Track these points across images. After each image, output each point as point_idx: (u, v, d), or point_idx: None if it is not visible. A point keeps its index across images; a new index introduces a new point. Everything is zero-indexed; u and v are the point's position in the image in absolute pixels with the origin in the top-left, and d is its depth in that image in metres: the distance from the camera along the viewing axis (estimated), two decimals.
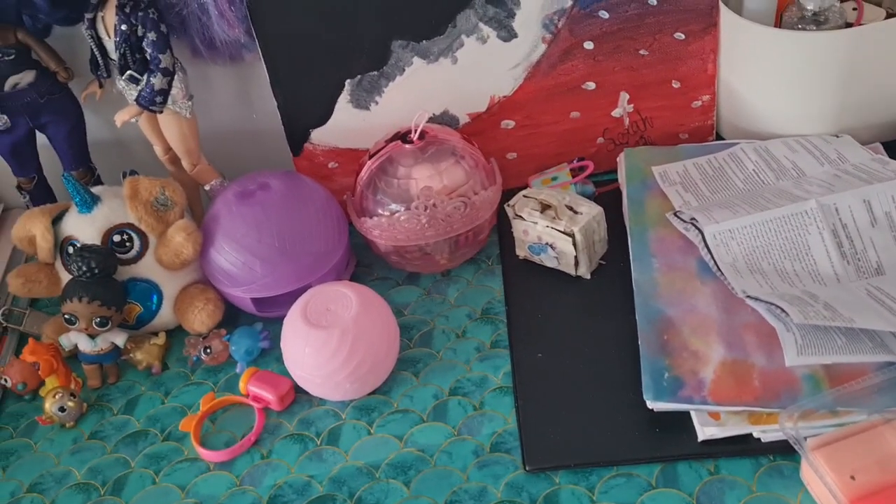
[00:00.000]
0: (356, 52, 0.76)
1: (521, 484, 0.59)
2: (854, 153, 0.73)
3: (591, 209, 0.71)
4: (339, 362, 0.63)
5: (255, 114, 0.82)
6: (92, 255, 0.68)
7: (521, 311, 0.72)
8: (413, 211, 0.69)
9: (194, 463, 0.66)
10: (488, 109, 0.81)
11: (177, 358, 0.75)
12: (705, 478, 0.57)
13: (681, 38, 0.78)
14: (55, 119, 0.77)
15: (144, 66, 0.70)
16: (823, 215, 0.65)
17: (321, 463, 0.64)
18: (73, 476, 0.67)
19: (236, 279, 0.71)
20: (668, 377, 0.60)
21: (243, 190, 0.72)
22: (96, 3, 0.69)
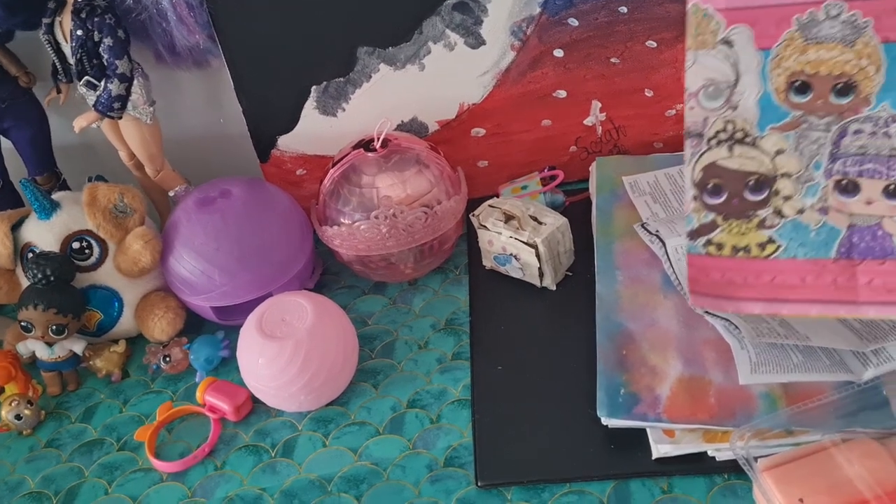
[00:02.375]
0: (321, 58, 0.75)
1: (473, 500, 0.58)
2: None
3: (556, 220, 0.70)
4: (293, 374, 0.63)
5: (222, 119, 0.81)
6: (48, 262, 0.68)
7: (485, 323, 0.71)
8: (373, 220, 0.69)
9: (148, 473, 0.65)
10: (458, 117, 0.80)
11: (137, 366, 0.75)
12: (658, 496, 0.56)
13: (653, 45, 0.77)
14: (18, 124, 0.76)
15: (102, 72, 0.69)
16: None
17: (274, 475, 0.63)
18: (27, 484, 0.66)
19: (195, 288, 0.70)
20: (625, 393, 0.59)
21: (204, 197, 0.72)
22: (54, 8, 0.69)
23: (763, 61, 0.52)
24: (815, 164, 0.51)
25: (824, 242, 0.50)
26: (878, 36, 0.49)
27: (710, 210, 0.53)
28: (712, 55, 0.52)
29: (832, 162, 0.50)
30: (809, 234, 0.51)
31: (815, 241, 0.50)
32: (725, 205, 0.53)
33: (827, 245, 0.50)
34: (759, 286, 0.51)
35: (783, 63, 0.51)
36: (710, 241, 0.53)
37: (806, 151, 0.51)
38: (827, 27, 0.50)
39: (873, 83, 0.50)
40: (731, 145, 0.53)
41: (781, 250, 0.51)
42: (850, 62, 0.50)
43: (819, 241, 0.50)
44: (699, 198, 0.54)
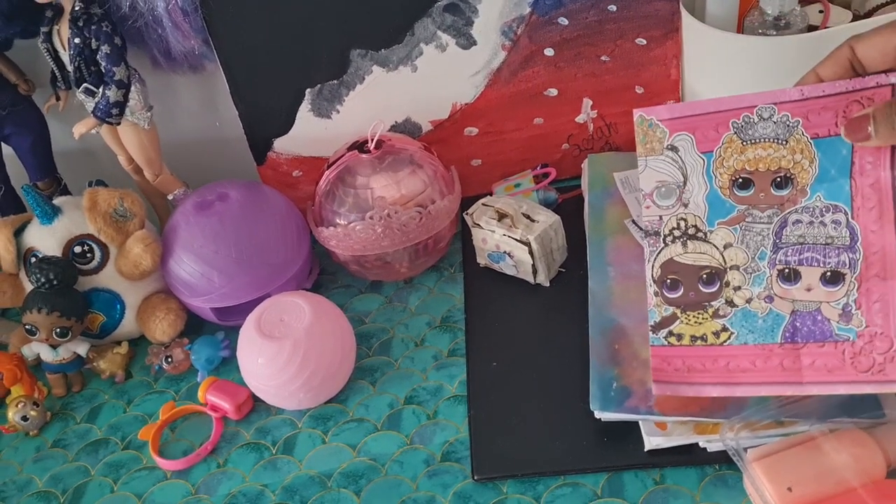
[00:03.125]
0: (315, 61, 0.76)
1: (469, 493, 0.60)
2: None
3: (548, 218, 0.71)
4: (292, 373, 0.64)
5: (218, 122, 0.82)
6: (50, 267, 0.69)
7: (480, 320, 0.72)
8: (368, 221, 0.70)
9: (152, 471, 0.67)
10: (451, 117, 0.81)
11: (140, 366, 0.76)
12: (650, 487, 0.58)
13: (642, 43, 0.78)
14: (18, 130, 0.78)
15: (100, 79, 0.70)
16: None
17: (275, 472, 0.64)
18: (35, 484, 0.68)
19: (195, 289, 0.72)
20: (617, 387, 0.61)
21: (202, 200, 0.73)
22: (51, 16, 0.70)
23: (707, 163, 0.56)
24: (760, 254, 0.55)
25: (770, 328, 0.54)
26: (808, 133, 0.53)
27: (669, 304, 0.57)
28: (660, 160, 0.57)
29: (775, 252, 0.55)
30: (757, 322, 0.55)
31: (763, 328, 0.55)
32: (683, 298, 0.57)
33: (773, 331, 0.54)
34: (715, 371, 0.55)
35: (725, 163, 0.56)
36: (671, 333, 0.57)
37: (751, 243, 0.56)
38: (761, 128, 0.55)
39: (808, 175, 0.54)
40: (684, 241, 0.57)
41: (734, 337, 0.55)
42: (786, 157, 0.54)
43: (766, 328, 0.55)
44: (659, 293, 0.58)
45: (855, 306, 0.52)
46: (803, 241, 0.54)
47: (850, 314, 0.52)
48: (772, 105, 0.54)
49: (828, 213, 0.54)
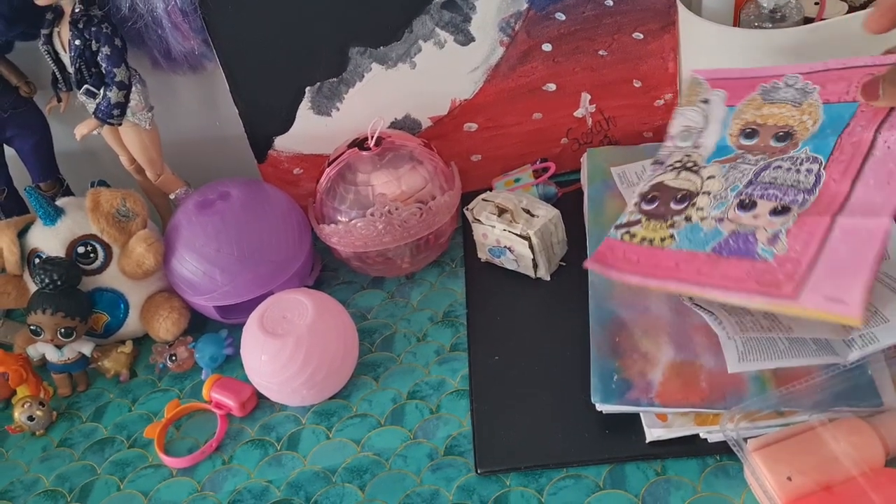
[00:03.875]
0: (314, 59, 0.76)
1: (473, 487, 0.60)
2: None
3: (548, 212, 0.71)
4: (295, 370, 0.64)
5: (218, 121, 0.83)
6: (54, 268, 0.70)
7: (481, 314, 0.73)
8: (369, 217, 0.70)
9: (158, 469, 0.67)
10: (450, 113, 0.81)
11: (145, 365, 0.77)
12: (652, 478, 0.58)
13: (639, 37, 0.78)
14: (20, 133, 0.78)
15: (101, 80, 0.71)
16: None
17: (280, 468, 0.65)
18: (42, 483, 0.68)
19: (198, 288, 0.72)
20: (618, 379, 0.61)
21: (203, 199, 0.73)
22: (52, 19, 0.70)
23: (728, 115, 0.64)
24: (734, 187, 0.60)
25: (705, 241, 0.59)
26: (821, 98, 0.61)
27: (640, 212, 0.63)
28: (692, 110, 0.66)
29: (746, 187, 0.60)
30: (699, 234, 0.59)
31: (700, 239, 0.59)
32: (653, 210, 0.63)
33: (706, 243, 0.59)
34: (643, 264, 0.60)
35: (741, 115, 0.64)
36: (628, 232, 0.63)
37: (731, 178, 0.61)
38: (783, 92, 0.63)
39: (807, 133, 0.60)
40: (679, 171, 0.64)
41: (673, 243, 0.60)
42: (794, 117, 0.61)
43: (702, 239, 0.59)
44: (638, 204, 0.64)
45: (785, 234, 0.56)
46: (773, 181, 0.59)
47: (777, 239, 0.56)
48: (798, 74, 0.62)
49: (806, 162, 0.58)
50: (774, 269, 0.54)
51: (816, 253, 0.53)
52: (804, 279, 0.53)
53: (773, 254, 0.55)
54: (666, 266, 0.59)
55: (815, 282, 0.52)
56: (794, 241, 0.55)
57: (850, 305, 0.50)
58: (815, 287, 0.52)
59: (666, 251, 0.60)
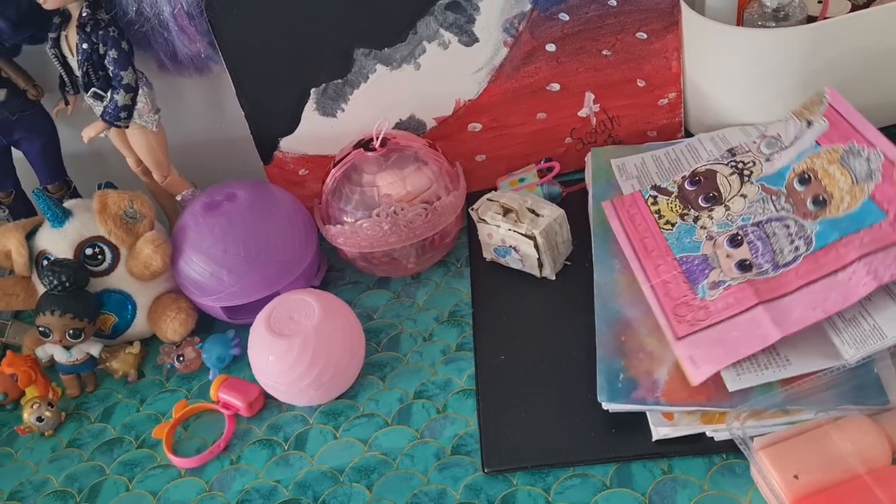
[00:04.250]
0: (319, 61, 0.77)
1: (480, 486, 0.61)
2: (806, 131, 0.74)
3: (553, 212, 0.71)
4: (302, 370, 0.65)
5: (224, 123, 0.83)
6: (62, 269, 0.70)
7: (487, 314, 0.73)
8: (375, 218, 0.71)
9: (166, 469, 0.68)
10: (454, 113, 0.82)
11: (152, 366, 0.77)
12: (658, 477, 0.58)
13: (643, 37, 0.79)
14: (28, 135, 0.79)
15: (108, 83, 0.71)
16: None
17: (288, 468, 0.65)
18: (51, 484, 0.69)
19: (205, 289, 0.72)
20: (624, 378, 0.61)
21: (210, 201, 0.74)
22: (59, 23, 0.70)
23: (810, 150, 0.66)
24: (745, 217, 0.65)
25: (684, 247, 0.66)
26: (872, 189, 0.60)
27: (678, 188, 0.70)
28: (795, 122, 0.68)
29: (751, 225, 0.65)
30: (687, 238, 0.67)
31: (684, 243, 0.66)
32: (687, 193, 0.69)
33: (683, 249, 0.66)
34: (637, 231, 0.68)
35: (815, 159, 0.65)
36: (656, 198, 0.70)
37: (753, 209, 0.65)
38: (859, 161, 0.62)
39: (832, 215, 0.62)
40: (735, 172, 0.69)
41: (669, 232, 0.67)
42: (843, 190, 0.62)
43: (684, 245, 0.66)
44: (685, 178, 0.70)
45: (723, 289, 0.62)
46: (769, 237, 0.63)
47: (717, 287, 0.62)
48: (884, 155, 0.60)
49: (802, 241, 0.61)
50: (693, 309, 0.62)
51: (721, 321, 0.60)
52: (694, 332, 0.60)
53: (703, 297, 0.62)
54: (647, 245, 0.67)
55: (696, 340, 0.60)
56: (722, 300, 0.61)
57: (697, 372, 0.58)
58: (692, 343, 0.60)
59: (659, 234, 0.67)
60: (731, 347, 0.58)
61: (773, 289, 0.60)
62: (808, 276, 0.60)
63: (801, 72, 0.74)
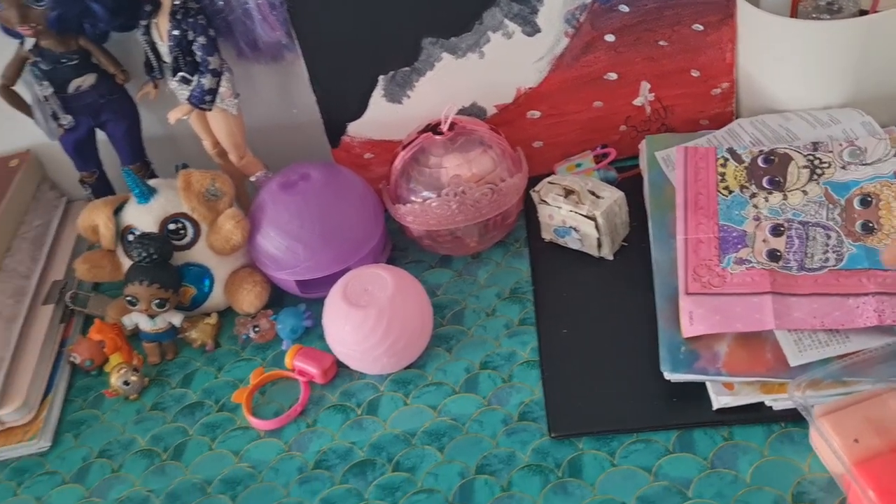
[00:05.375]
0: (389, 50, 0.81)
1: (547, 449, 0.64)
2: (848, 117, 0.77)
3: (613, 194, 0.75)
4: (377, 339, 0.68)
5: (295, 108, 0.87)
6: (151, 242, 0.75)
7: (548, 291, 0.77)
8: (444, 197, 0.74)
9: (246, 431, 0.72)
10: (515, 101, 0.85)
11: (228, 336, 0.81)
12: (720, 443, 0.61)
13: (699, 29, 0.82)
14: (114, 118, 0.83)
15: (194, 68, 0.75)
16: None
17: (362, 431, 0.69)
18: (138, 443, 0.73)
19: (281, 263, 0.77)
20: (685, 350, 0.64)
21: (286, 181, 0.78)
22: (150, 10, 0.75)
23: (886, 177, 0.70)
24: (796, 214, 0.70)
25: (730, 217, 0.72)
26: None
27: (751, 158, 0.75)
28: (885, 146, 0.73)
29: (799, 223, 0.70)
30: (735, 211, 0.72)
31: (731, 214, 0.72)
32: (757, 168, 0.74)
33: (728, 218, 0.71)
34: (696, 185, 0.74)
35: (885, 189, 0.70)
36: (727, 161, 0.75)
37: (808, 209, 0.70)
38: None
39: (878, 245, 0.66)
40: (808, 167, 0.73)
41: (722, 198, 0.73)
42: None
43: (731, 216, 0.72)
44: (762, 153, 0.75)
45: (745, 268, 0.67)
46: (808, 239, 0.68)
47: (742, 264, 0.68)
48: None
49: (834, 253, 0.67)
50: (712, 273, 0.67)
51: (730, 293, 0.66)
52: (703, 293, 0.66)
53: (726, 267, 0.68)
54: (699, 201, 0.72)
55: (702, 300, 0.65)
56: (740, 277, 0.67)
57: (691, 328, 0.64)
58: (697, 302, 0.65)
59: (714, 195, 0.72)
60: (729, 320, 0.64)
61: (788, 285, 0.65)
62: (824, 287, 0.65)
63: (853, 63, 0.77)
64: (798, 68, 0.80)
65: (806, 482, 0.58)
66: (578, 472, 0.62)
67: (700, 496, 0.59)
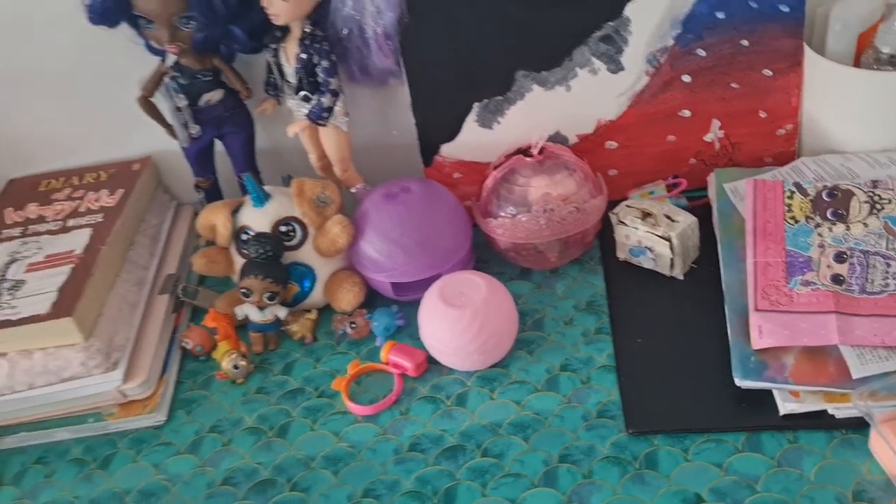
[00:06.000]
0: (485, 80, 0.89)
1: (624, 444, 0.70)
2: None
3: (687, 218, 0.82)
4: (470, 336, 0.76)
5: (395, 131, 0.96)
6: (267, 241, 0.83)
7: (622, 304, 0.83)
8: (533, 213, 0.82)
9: (344, 416, 0.79)
10: (595, 131, 0.93)
11: (324, 332, 0.89)
12: (785, 445, 0.67)
13: (769, 74, 0.89)
14: (234, 130, 0.93)
15: (315, 88, 0.85)
16: None
17: (451, 420, 0.76)
18: (245, 422, 0.80)
19: (381, 266, 0.85)
20: (755, 360, 0.71)
21: (388, 192, 0.86)
22: (280, 36, 0.85)
23: None
24: (857, 242, 0.77)
25: (796, 244, 0.79)
26: None
27: (816, 193, 0.82)
28: None
29: (861, 252, 0.76)
30: (801, 238, 0.79)
31: (797, 241, 0.79)
32: (821, 202, 0.81)
33: (794, 244, 0.79)
34: (764, 213, 0.81)
35: None
36: (792, 194, 0.83)
37: (869, 239, 0.77)
38: None
39: None
40: (869, 202, 0.80)
41: (788, 227, 0.80)
42: None
43: (797, 242, 0.79)
44: (825, 188, 0.82)
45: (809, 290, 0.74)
46: (869, 267, 0.75)
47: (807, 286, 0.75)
48: None
49: (894, 280, 0.74)
50: (780, 293, 0.74)
51: (797, 311, 0.72)
52: (771, 311, 0.73)
53: (792, 287, 0.74)
54: (767, 227, 0.79)
55: (770, 317, 0.72)
56: (806, 297, 0.73)
57: (760, 341, 0.71)
58: (765, 318, 0.72)
59: (781, 224, 0.80)
60: (795, 335, 0.71)
61: (851, 306, 0.72)
62: (884, 309, 0.71)
63: None
64: (858, 114, 0.88)
65: (865, 482, 0.64)
66: (654, 465, 0.68)
67: (768, 490, 0.65)
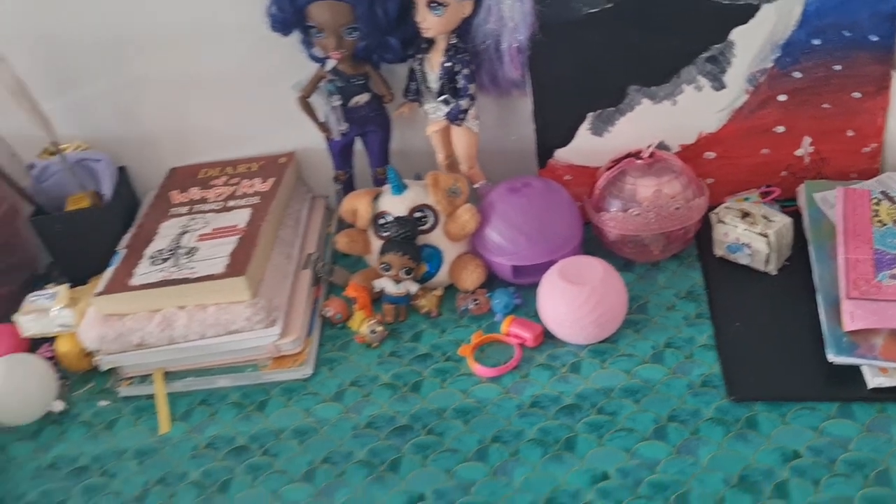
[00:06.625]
0: (600, 92, 1.01)
1: (727, 409, 0.79)
2: None
3: (783, 219, 0.92)
4: (588, 311, 0.86)
5: (514, 136, 1.08)
6: (406, 223, 0.95)
7: (720, 293, 0.93)
8: (644, 207, 0.93)
9: (470, 377, 0.89)
10: (696, 142, 1.03)
11: (448, 308, 1.00)
12: (873, 415, 0.76)
13: (858, 96, 0.99)
14: (375, 129, 1.06)
15: (455, 92, 0.97)
16: None
17: (567, 384, 0.86)
18: (381, 378, 0.92)
19: (503, 250, 0.96)
20: (847, 340, 0.80)
21: (512, 186, 0.98)
22: (426, 47, 0.98)
23: None
24: None
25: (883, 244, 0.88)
26: None
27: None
28: None
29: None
30: (887, 238, 0.87)
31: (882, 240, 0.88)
32: None
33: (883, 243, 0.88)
34: (853, 217, 0.91)
35: None
36: (879, 201, 0.93)
37: None
38: None
39: None
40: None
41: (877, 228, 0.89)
42: None
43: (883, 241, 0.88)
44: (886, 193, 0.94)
45: None
46: None
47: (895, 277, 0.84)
48: None
49: None
50: (869, 285, 0.82)
51: (885, 300, 0.81)
52: (861, 299, 0.81)
53: (880, 280, 0.83)
54: (856, 229, 0.88)
55: (861, 304, 0.81)
56: (893, 288, 0.81)
57: (852, 324, 0.80)
58: (857, 305, 0.81)
59: (869, 226, 0.88)
60: (884, 319, 0.79)
61: None
62: None
63: None
64: None
65: None
66: (755, 427, 0.77)
67: (859, 450, 0.73)
